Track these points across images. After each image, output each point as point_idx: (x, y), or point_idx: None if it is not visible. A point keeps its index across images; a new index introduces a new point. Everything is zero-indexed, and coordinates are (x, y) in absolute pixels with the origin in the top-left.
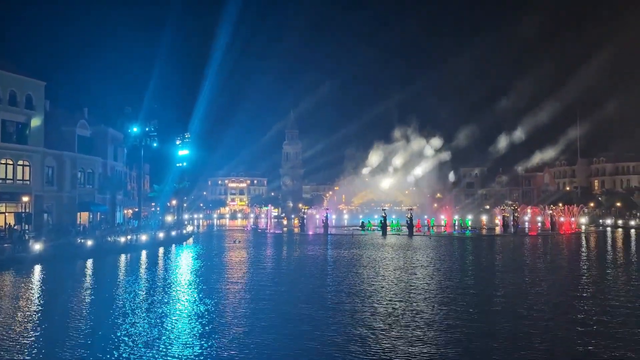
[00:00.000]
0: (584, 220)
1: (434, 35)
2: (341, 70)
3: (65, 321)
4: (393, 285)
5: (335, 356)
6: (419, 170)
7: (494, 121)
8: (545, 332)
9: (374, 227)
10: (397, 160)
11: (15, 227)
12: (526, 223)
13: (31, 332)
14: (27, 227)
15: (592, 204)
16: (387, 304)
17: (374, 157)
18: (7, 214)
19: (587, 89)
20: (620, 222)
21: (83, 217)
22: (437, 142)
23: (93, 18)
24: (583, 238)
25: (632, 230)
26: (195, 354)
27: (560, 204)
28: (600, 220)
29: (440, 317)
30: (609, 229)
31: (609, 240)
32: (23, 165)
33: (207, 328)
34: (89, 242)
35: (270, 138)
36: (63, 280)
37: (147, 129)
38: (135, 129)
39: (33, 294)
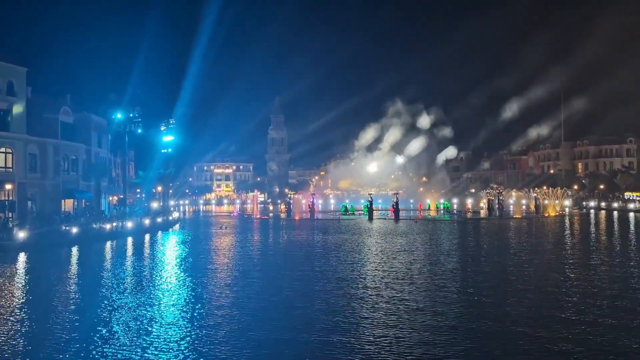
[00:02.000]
0: (568, 202)
1: (423, 19)
2: (328, 55)
3: (50, 309)
4: (380, 272)
5: (316, 346)
6: (405, 154)
7: (481, 105)
8: (531, 317)
9: (358, 211)
10: (384, 144)
11: None
12: (511, 206)
13: (16, 319)
14: (10, 215)
15: (576, 187)
16: (372, 291)
17: (361, 142)
18: None
19: (572, 73)
20: (603, 204)
21: (67, 204)
22: (425, 122)
23: (76, 3)
24: (567, 221)
25: (615, 212)
26: (172, 345)
27: (545, 187)
28: (584, 203)
29: (425, 304)
30: (592, 211)
31: (592, 223)
32: (5, 153)
33: (186, 315)
34: (74, 230)
35: (256, 123)
36: (48, 268)
37: (131, 115)
38: (119, 115)
39: (17, 281)
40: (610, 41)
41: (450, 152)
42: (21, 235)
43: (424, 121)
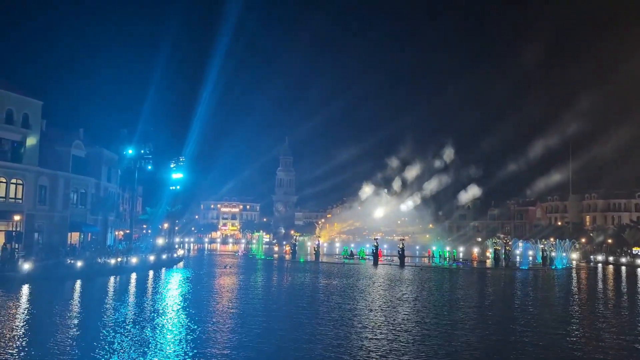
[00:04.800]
0: (575, 255)
1: (434, 64)
2: (340, 96)
3: (49, 344)
4: (383, 321)
5: None
6: (413, 200)
7: (489, 154)
8: None
9: (355, 256)
10: (390, 191)
11: (6, 246)
12: (517, 257)
13: (14, 354)
14: (17, 246)
15: (583, 240)
16: (370, 343)
17: (369, 186)
18: None
19: (581, 125)
20: (611, 258)
21: (74, 237)
22: (441, 161)
23: (91, 40)
24: (574, 274)
25: (623, 268)
26: None
27: (552, 239)
28: (592, 256)
29: (425, 357)
30: (600, 265)
31: (600, 277)
32: (16, 184)
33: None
34: (79, 263)
35: (264, 164)
36: (50, 301)
37: (142, 152)
38: (130, 151)
39: (18, 314)
40: (621, 94)
41: (474, 191)
42: (26, 266)
43: (440, 160)
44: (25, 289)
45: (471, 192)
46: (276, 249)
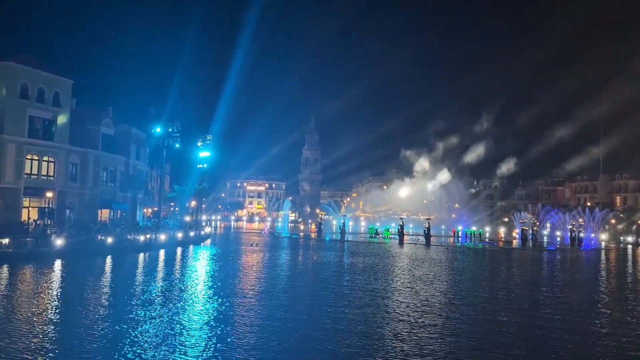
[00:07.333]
0: (604, 236)
1: (461, 45)
2: (365, 77)
3: (82, 316)
4: (409, 301)
5: None
6: (439, 180)
7: (519, 132)
8: None
9: (380, 235)
10: (417, 169)
11: (38, 222)
12: (545, 237)
13: (48, 326)
14: (49, 222)
15: (613, 221)
16: (403, 323)
17: (396, 166)
18: (30, 208)
19: (613, 104)
20: None
21: (104, 214)
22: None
23: (120, 19)
24: (603, 255)
25: None
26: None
27: (581, 220)
28: (621, 237)
29: (449, 345)
30: (630, 246)
31: (630, 259)
32: (48, 162)
33: (200, 335)
34: (109, 240)
35: (290, 142)
36: (82, 276)
37: (170, 130)
38: (158, 129)
39: (52, 288)
40: None
41: (509, 164)
42: (59, 242)
43: (472, 136)
44: (58, 264)
45: (506, 166)
46: (302, 227)
